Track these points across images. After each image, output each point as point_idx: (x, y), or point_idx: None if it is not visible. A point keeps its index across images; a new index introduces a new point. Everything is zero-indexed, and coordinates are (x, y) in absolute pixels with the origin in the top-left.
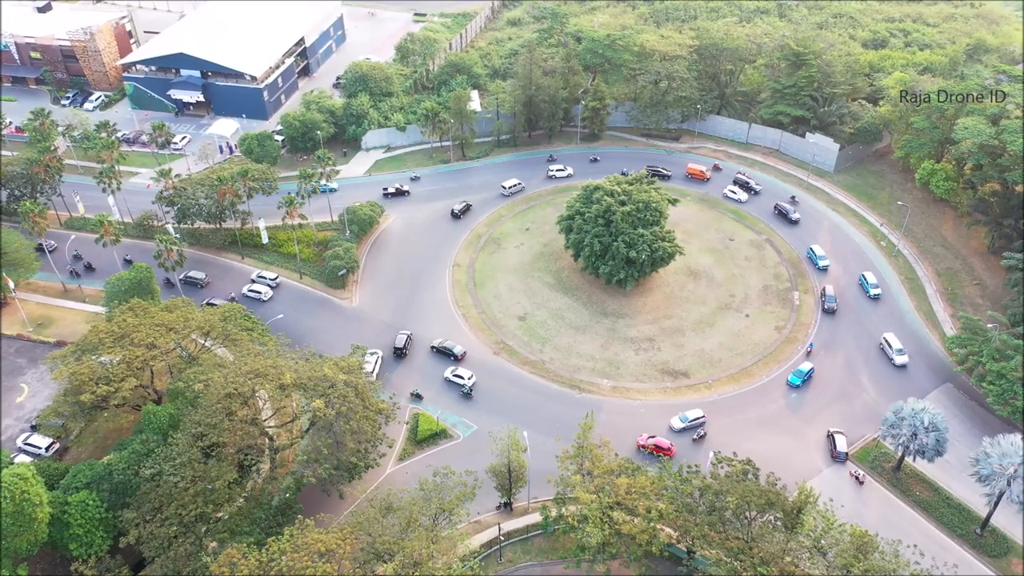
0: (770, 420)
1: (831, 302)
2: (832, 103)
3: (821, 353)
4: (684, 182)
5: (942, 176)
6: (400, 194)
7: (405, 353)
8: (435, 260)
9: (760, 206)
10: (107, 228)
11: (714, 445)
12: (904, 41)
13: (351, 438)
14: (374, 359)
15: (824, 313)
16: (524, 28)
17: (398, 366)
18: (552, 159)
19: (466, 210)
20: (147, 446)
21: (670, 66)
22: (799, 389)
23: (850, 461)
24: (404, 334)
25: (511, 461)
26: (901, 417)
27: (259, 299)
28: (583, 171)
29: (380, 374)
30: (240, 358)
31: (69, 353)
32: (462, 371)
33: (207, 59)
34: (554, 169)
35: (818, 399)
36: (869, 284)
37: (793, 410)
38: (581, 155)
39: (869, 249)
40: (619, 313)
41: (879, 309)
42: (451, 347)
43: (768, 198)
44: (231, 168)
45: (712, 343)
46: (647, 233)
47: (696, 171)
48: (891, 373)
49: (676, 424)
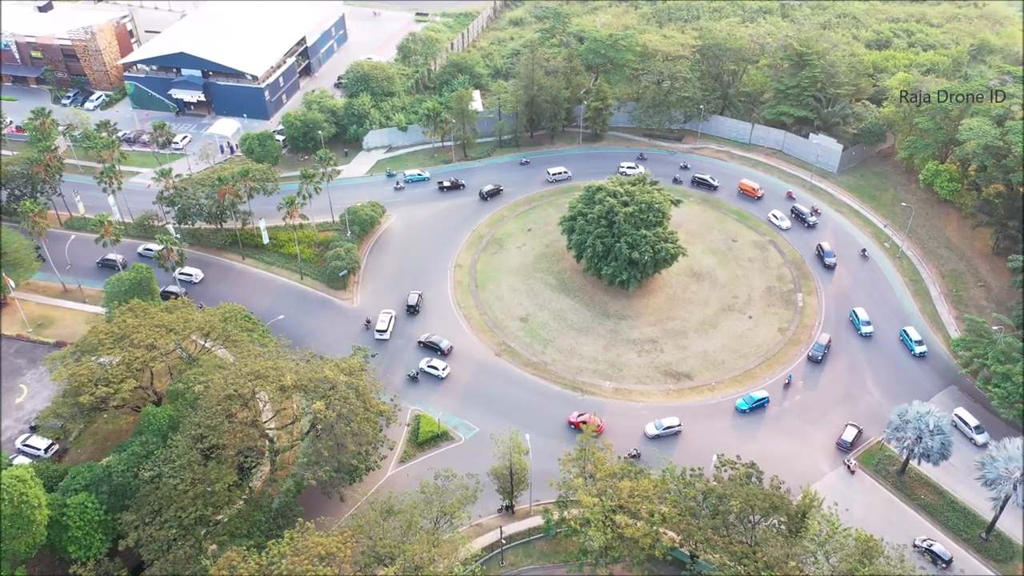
0: (773, 422)
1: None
2: (835, 104)
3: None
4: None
5: (946, 177)
6: (456, 187)
7: (417, 311)
8: (437, 260)
9: (765, 210)
10: (107, 228)
11: (717, 447)
12: (908, 42)
13: (352, 440)
14: (388, 317)
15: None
16: (526, 28)
17: (409, 324)
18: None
19: (495, 193)
20: (147, 448)
21: (673, 66)
22: (746, 415)
23: (850, 456)
24: (416, 293)
25: (513, 464)
26: (906, 420)
27: (191, 281)
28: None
29: (393, 331)
30: (240, 359)
31: (68, 354)
32: (436, 363)
33: (208, 59)
34: (553, 173)
35: (823, 401)
36: (912, 341)
37: (797, 412)
38: (583, 155)
39: (873, 251)
40: (621, 314)
41: (884, 311)
42: (438, 342)
43: (820, 232)
44: (232, 168)
45: (715, 345)
46: (650, 234)
47: (748, 188)
48: (896, 375)
49: (651, 431)
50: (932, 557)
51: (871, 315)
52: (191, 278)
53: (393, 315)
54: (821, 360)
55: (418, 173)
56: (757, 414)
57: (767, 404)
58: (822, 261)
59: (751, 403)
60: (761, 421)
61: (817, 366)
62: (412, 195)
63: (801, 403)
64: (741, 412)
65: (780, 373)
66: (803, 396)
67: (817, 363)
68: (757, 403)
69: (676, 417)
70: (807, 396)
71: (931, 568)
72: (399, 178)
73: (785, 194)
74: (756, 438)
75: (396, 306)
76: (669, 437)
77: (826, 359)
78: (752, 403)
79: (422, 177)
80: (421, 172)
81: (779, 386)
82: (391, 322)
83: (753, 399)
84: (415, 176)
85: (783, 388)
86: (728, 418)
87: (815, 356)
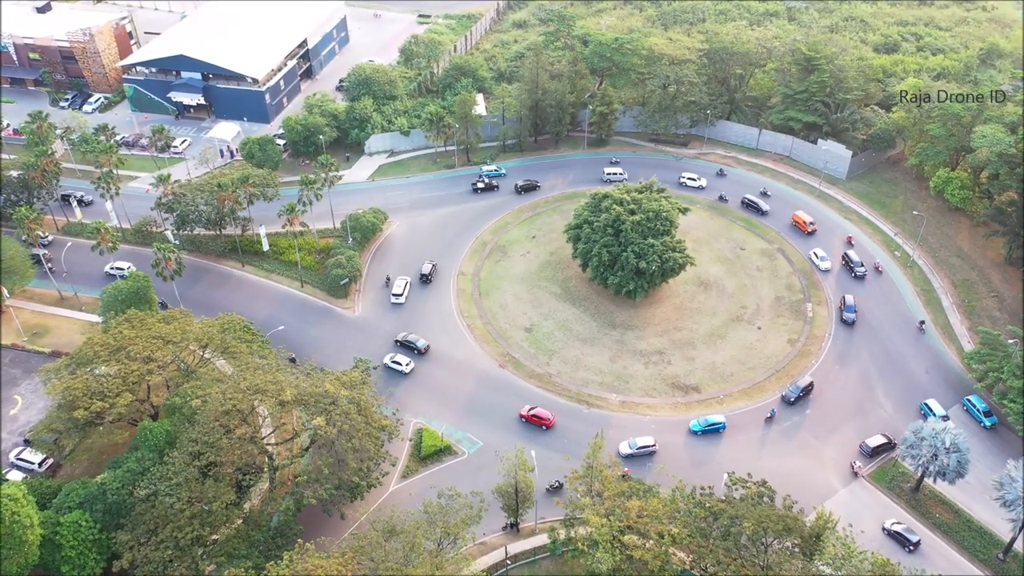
0: (783, 437)
1: (850, 312)
2: (844, 109)
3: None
4: (706, 196)
5: (957, 184)
6: (490, 188)
7: (430, 280)
8: (439, 268)
9: (773, 218)
10: (104, 235)
11: (727, 463)
12: (916, 45)
13: (353, 457)
14: (404, 283)
15: (841, 324)
16: (530, 30)
17: (424, 290)
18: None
19: (531, 188)
20: (142, 464)
21: (679, 70)
22: (700, 437)
23: (859, 465)
24: (430, 263)
25: (518, 482)
26: (921, 437)
27: (124, 276)
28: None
29: (407, 296)
30: (239, 372)
31: (63, 366)
32: (400, 357)
33: (208, 61)
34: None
35: (833, 415)
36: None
37: (807, 427)
38: (587, 160)
39: (883, 259)
40: (628, 325)
41: (894, 322)
42: (414, 341)
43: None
44: (232, 173)
45: (724, 356)
46: (657, 243)
47: (801, 221)
48: (908, 389)
49: (624, 449)
50: (901, 540)
51: (884, 325)
52: (123, 272)
53: (408, 281)
54: (794, 402)
55: (495, 168)
56: (764, 429)
57: (722, 430)
58: (841, 315)
59: (704, 426)
60: (770, 436)
61: (829, 374)
62: (416, 200)
63: (811, 417)
64: (693, 434)
65: (788, 384)
66: (813, 410)
67: (791, 404)
68: (711, 427)
69: (651, 437)
70: (816, 410)
71: (901, 551)
72: (479, 173)
73: (846, 238)
74: (766, 453)
75: (396, 312)
76: (647, 455)
77: (800, 402)
78: (705, 426)
79: (499, 172)
80: (498, 168)
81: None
82: (407, 287)
83: (708, 422)
84: (493, 171)
85: (765, 421)
86: (737, 432)
87: (788, 397)
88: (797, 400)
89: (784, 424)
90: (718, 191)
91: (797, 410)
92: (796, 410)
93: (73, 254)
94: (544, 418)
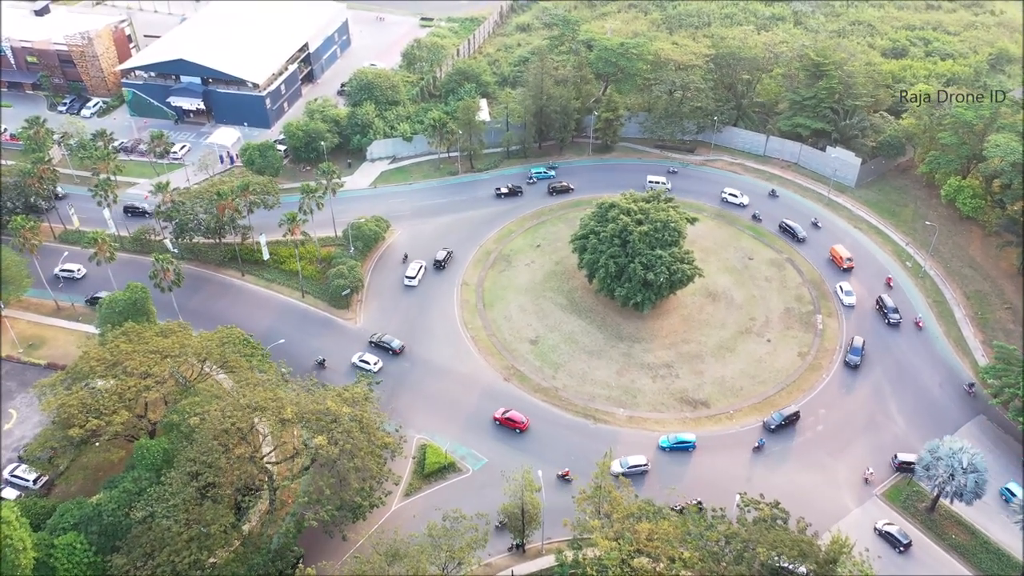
0: (794, 454)
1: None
2: (854, 116)
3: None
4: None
5: (969, 193)
6: (513, 194)
7: (444, 266)
8: (443, 278)
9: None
10: (101, 246)
11: (736, 480)
12: (925, 50)
13: (355, 476)
14: (419, 267)
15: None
16: (534, 34)
17: (437, 275)
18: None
19: (564, 191)
20: (139, 484)
21: (685, 76)
22: (668, 453)
23: (871, 472)
24: (445, 250)
25: (525, 503)
26: (937, 457)
27: (72, 277)
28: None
29: (422, 279)
30: (239, 389)
31: (58, 381)
32: (368, 356)
33: (208, 65)
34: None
35: (845, 431)
36: None
37: (819, 443)
38: (593, 167)
39: (894, 269)
40: (635, 337)
41: (907, 335)
42: (389, 341)
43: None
44: (231, 181)
45: (733, 370)
46: (665, 254)
47: (839, 257)
48: (922, 404)
49: (615, 468)
50: (892, 541)
51: (902, 346)
52: (72, 274)
53: (424, 265)
54: (775, 430)
55: (544, 170)
56: (774, 446)
57: (692, 449)
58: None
59: (672, 443)
60: (781, 453)
61: (839, 389)
62: (419, 207)
63: (823, 433)
64: (662, 450)
65: (803, 400)
66: (825, 426)
67: (771, 431)
68: (680, 444)
69: (643, 456)
70: (828, 426)
71: (891, 552)
72: (528, 172)
73: (885, 280)
74: (778, 471)
75: (399, 323)
76: (660, 471)
77: (782, 430)
78: (674, 443)
79: (549, 175)
80: (547, 170)
81: (807, 413)
82: (421, 271)
83: (678, 439)
84: (542, 172)
85: (752, 451)
86: (748, 450)
87: (770, 424)
88: (778, 429)
89: (774, 449)
90: (762, 210)
91: (783, 437)
92: (782, 437)
93: (71, 263)
94: (518, 421)
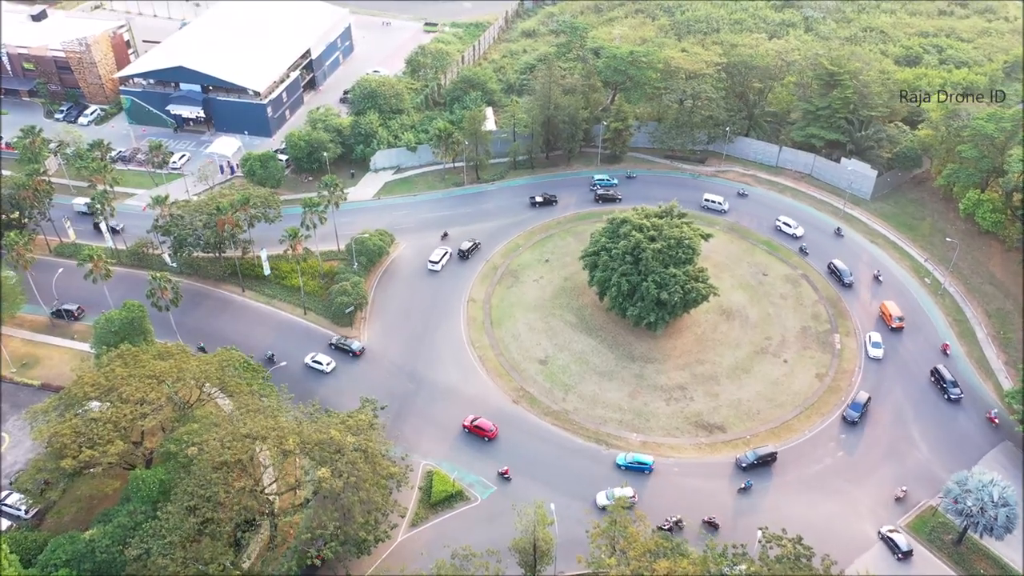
0: (815, 482)
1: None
2: (869, 126)
3: None
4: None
5: (989, 207)
6: (548, 203)
7: (468, 256)
8: (449, 294)
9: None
10: (96, 263)
11: (755, 510)
12: (939, 58)
13: (360, 509)
14: (443, 253)
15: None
16: (539, 40)
17: (460, 267)
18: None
19: (611, 199)
20: (134, 519)
21: (696, 84)
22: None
23: (904, 490)
24: (472, 241)
25: (537, 539)
26: (967, 489)
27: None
28: None
29: (445, 266)
30: (239, 417)
31: (51, 407)
32: (320, 357)
33: (208, 73)
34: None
35: (867, 457)
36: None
37: (840, 471)
38: None
39: (913, 286)
40: (647, 357)
41: (928, 354)
42: (349, 343)
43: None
44: (231, 194)
45: (749, 392)
46: (679, 272)
47: (888, 314)
48: (944, 430)
49: (601, 500)
50: (891, 545)
51: None
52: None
53: (449, 252)
54: (747, 468)
55: (608, 178)
56: (791, 474)
57: (648, 471)
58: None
59: (628, 462)
60: (801, 482)
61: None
62: (424, 220)
63: (842, 460)
64: (617, 467)
65: (821, 426)
66: (845, 453)
67: (744, 469)
68: (636, 464)
69: (631, 488)
70: (848, 453)
71: (890, 558)
72: (591, 180)
73: (941, 346)
74: (799, 500)
75: (404, 342)
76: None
77: (756, 468)
78: (630, 463)
79: (611, 182)
80: (610, 177)
81: (826, 438)
82: (444, 257)
83: (636, 459)
84: (605, 180)
85: (738, 492)
86: (755, 478)
87: (742, 461)
88: (749, 467)
89: (817, 466)
90: (811, 242)
91: (762, 477)
92: (762, 476)
93: (67, 279)
94: (486, 429)
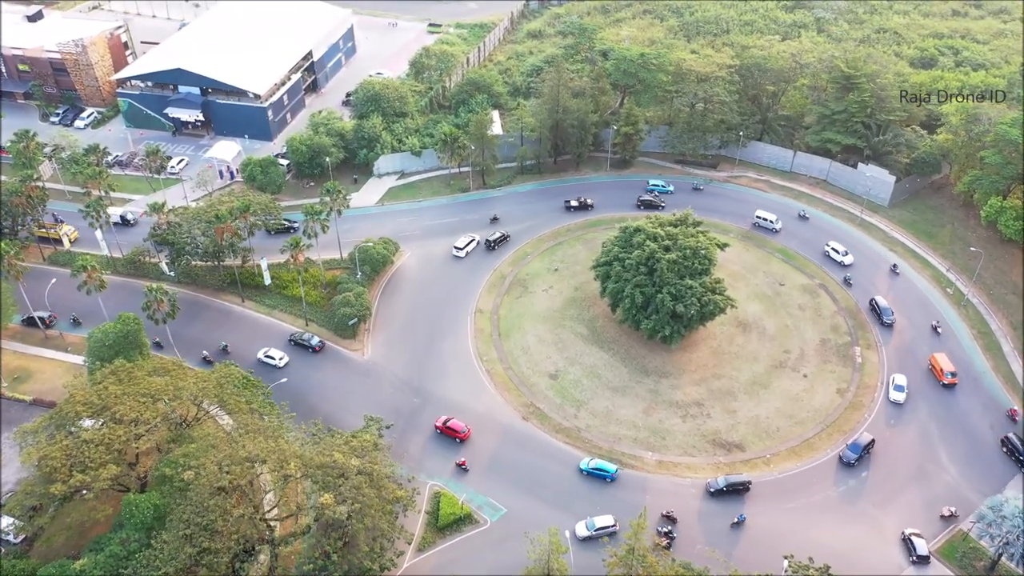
0: (839, 505)
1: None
2: (887, 131)
3: None
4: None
5: (1012, 215)
6: (584, 207)
7: (495, 247)
8: (456, 305)
9: (813, 246)
10: (90, 273)
11: (775, 534)
12: (955, 60)
13: (364, 537)
14: (470, 240)
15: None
16: (546, 41)
17: (486, 256)
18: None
19: (654, 207)
20: (127, 548)
21: (708, 87)
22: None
23: (953, 511)
24: (501, 232)
25: (551, 569)
26: (1002, 515)
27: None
28: None
29: (470, 253)
30: (238, 438)
31: (41, 427)
32: (273, 352)
33: (207, 75)
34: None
35: (892, 480)
36: None
37: (865, 494)
38: (611, 184)
39: (934, 296)
40: (662, 371)
41: (984, 418)
42: (308, 339)
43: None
44: (231, 201)
45: (768, 409)
46: (695, 284)
47: (938, 369)
48: (972, 449)
49: (581, 531)
50: (909, 548)
51: None
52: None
53: (476, 240)
54: (719, 493)
55: (663, 184)
56: (817, 494)
57: (610, 479)
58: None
59: (591, 468)
60: (824, 504)
61: (883, 432)
62: (429, 227)
63: (867, 481)
64: (581, 472)
65: (840, 444)
66: (870, 474)
67: (712, 495)
68: (598, 471)
69: (611, 516)
70: (874, 476)
71: (904, 559)
72: (646, 184)
73: (1009, 411)
74: (821, 523)
75: (409, 354)
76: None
77: (731, 493)
78: (592, 469)
79: (666, 189)
80: (665, 184)
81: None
82: (470, 244)
83: (598, 465)
84: (660, 186)
85: (730, 526)
86: (788, 499)
87: (710, 487)
88: (719, 493)
89: (841, 488)
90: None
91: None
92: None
93: (60, 288)
94: (458, 430)
